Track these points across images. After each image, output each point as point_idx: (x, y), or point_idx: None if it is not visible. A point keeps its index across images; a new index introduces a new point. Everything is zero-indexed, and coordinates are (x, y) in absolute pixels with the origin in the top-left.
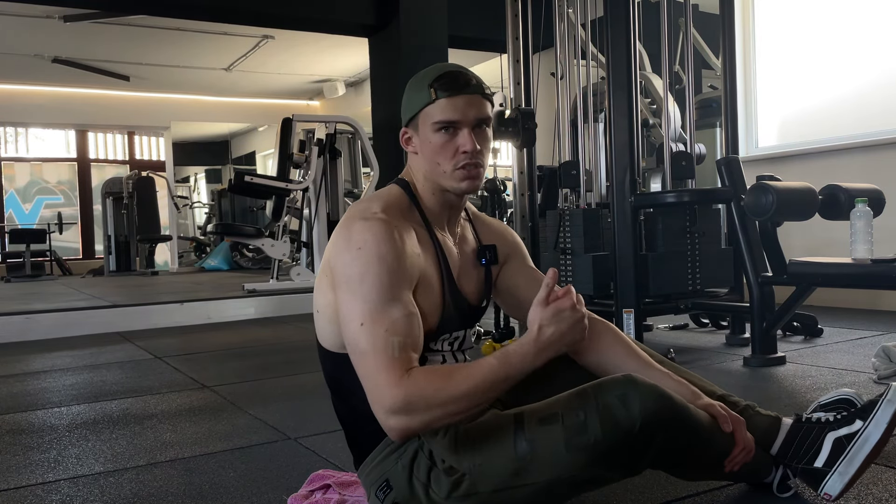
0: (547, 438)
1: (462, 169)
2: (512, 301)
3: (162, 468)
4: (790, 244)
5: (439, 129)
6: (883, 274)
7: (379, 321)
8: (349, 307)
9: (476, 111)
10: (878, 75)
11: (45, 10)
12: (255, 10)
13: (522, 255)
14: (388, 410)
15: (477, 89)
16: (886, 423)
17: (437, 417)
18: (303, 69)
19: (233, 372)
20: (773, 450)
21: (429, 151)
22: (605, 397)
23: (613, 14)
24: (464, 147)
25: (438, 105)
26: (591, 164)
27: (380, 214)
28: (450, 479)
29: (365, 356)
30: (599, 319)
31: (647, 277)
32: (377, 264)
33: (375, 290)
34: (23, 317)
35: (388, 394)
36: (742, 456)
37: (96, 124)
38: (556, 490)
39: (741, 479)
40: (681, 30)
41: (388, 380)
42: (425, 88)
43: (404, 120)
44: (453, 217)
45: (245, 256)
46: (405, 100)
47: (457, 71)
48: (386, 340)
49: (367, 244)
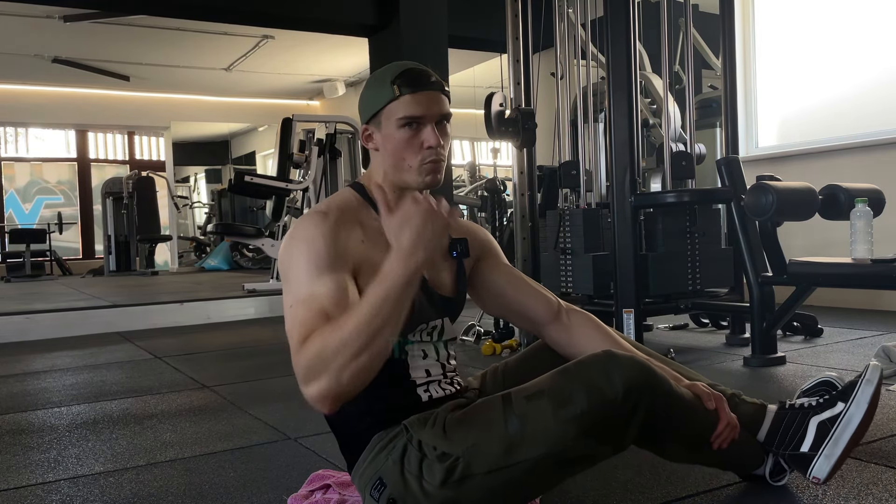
0: (535, 413)
1: (427, 164)
2: (489, 297)
3: (162, 468)
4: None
5: (404, 124)
6: (883, 274)
7: (304, 301)
8: (286, 293)
9: (438, 107)
10: (878, 75)
11: (45, 10)
12: (255, 10)
13: (496, 253)
14: (301, 384)
15: (438, 86)
16: (867, 403)
17: (340, 367)
18: (303, 69)
19: (233, 372)
20: (759, 436)
21: (392, 147)
22: (588, 371)
23: (613, 14)
24: (428, 142)
25: (402, 101)
26: (591, 164)
27: (321, 209)
28: (443, 465)
29: (290, 336)
30: (577, 309)
31: (647, 277)
32: (304, 246)
33: (303, 272)
34: (23, 317)
35: (295, 369)
36: (727, 432)
37: (96, 124)
38: (548, 467)
39: (732, 469)
40: (681, 30)
41: (294, 355)
42: (388, 85)
43: (364, 117)
44: None
45: (245, 256)
46: (365, 97)
47: (419, 68)
48: (302, 317)
49: (297, 233)
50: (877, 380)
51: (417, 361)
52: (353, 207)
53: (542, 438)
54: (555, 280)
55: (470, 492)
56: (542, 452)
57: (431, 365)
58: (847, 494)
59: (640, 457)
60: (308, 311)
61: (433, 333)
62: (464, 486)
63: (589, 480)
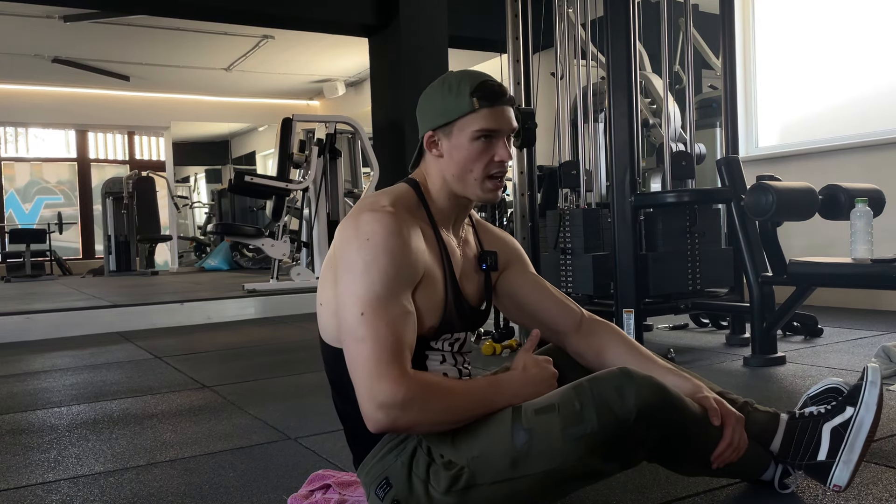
0: (544, 429)
1: (492, 178)
2: (513, 306)
3: (162, 468)
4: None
5: (479, 137)
6: (883, 274)
7: (381, 313)
8: (351, 295)
9: (511, 123)
10: (878, 75)
11: (45, 10)
12: (255, 10)
13: (524, 262)
14: (380, 403)
15: (511, 101)
16: (875, 405)
17: (424, 422)
18: (303, 69)
19: (233, 372)
20: (772, 447)
21: (461, 158)
22: (602, 389)
23: (613, 14)
24: (500, 157)
25: (481, 114)
26: (591, 164)
27: (388, 208)
28: (449, 473)
29: (363, 344)
30: (600, 319)
31: (647, 277)
32: (384, 256)
33: (380, 282)
34: (23, 317)
35: (385, 387)
36: (728, 453)
37: (96, 124)
38: (554, 482)
39: (738, 476)
40: (681, 30)
41: (388, 373)
42: (466, 96)
43: (432, 123)
44: (459, 220)
45: (245, 256)
46: (435, 103)
47: (495, 81)
48: (386, 334)
49: (375, 235)
50: (879, 381)
51: (435, 365)
52: (413, 207)
53: (548, 454)
54: (555, 280)
55: (474, 501)
56: (549, 468)
57: (448, 369)
58: (847, 494)
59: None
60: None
61: (455, 345)
62: (468, 496)
63: None
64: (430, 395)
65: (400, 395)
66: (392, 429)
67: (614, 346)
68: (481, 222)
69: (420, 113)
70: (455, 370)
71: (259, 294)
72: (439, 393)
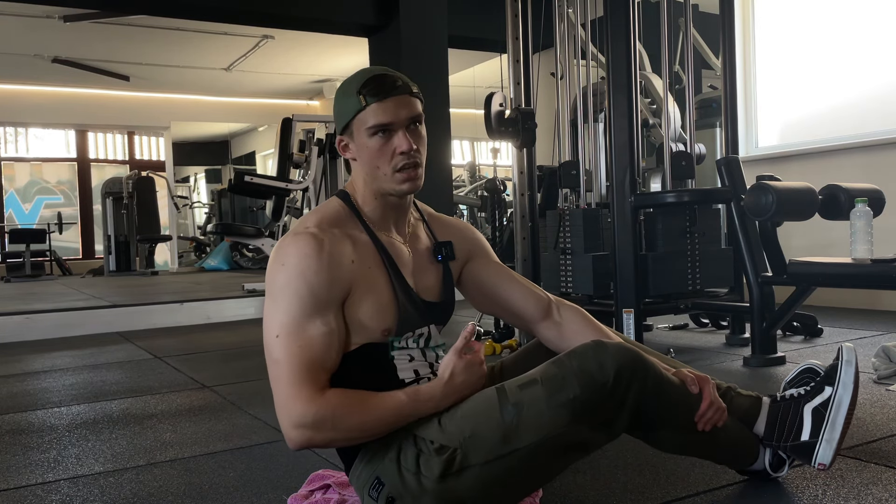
0: (530, 400)
1: (401, 171)
2: (480, 296)
3: (162, 468)
4: (790, 244)
5: (374, 133)
6: (883, 274)
7: (294, 336)
8: (269, 317)
9: (407, 111)
10: (878, 75)
11: (45, 10)
12: (255, 10)
13: (485, 251)
14: (294, 423)
15: (405, 89)
16: (852, 383)
17: (339, 439)
18: (303, 69)
19: (233, 372)
20: (756, 429)
21: (366, 156)
22: (579, 358)
23: (613, 14)
24: (400, 148)
25: (370, 110)
26: (591, 164)
27: (311, 229)
28: (441, 457)
29: (278, 366)
30: (568, 304)
31: (647, 277)
32: (297, 279)
33: (294, 305)
34: (23, 317)
35: (298, 407)
36: (711, 412)
37: (96, 124)
38: (544, 455)
39: (727, 463)
40: (681, 30)
41: (300, 394)
42: (354, 95)
43: (338, 128)
44: (399, 218)
45: (245, 256)
46: (336, 108)
47: (382, 74)
48: (299, 355)
49: (289, 259)
50: (854, 359)
51: (404, 363)
52: (342, 220)
53: (536, 424)
54: (555, 280)
55: (468, 483)
56: (538, 439)
57: (419, 365)
58: (847, 494)
59: (640, 457)
60: (304, 355)
61: (419, 340)
62: (462, 478)
63: (589, 481)
64: (342, 413)
65: (310, 415)
66: (309, 446)
67: (583, 331)
68: (434, 214)
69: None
70: (426, 366)
71: (259, 294)
72: (352, 410)
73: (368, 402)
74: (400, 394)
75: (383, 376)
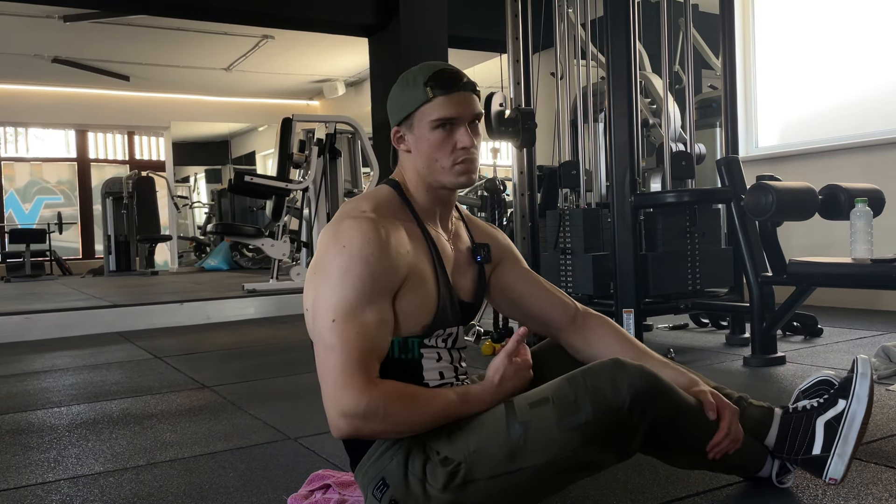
0: (539, 420)
1: (460, 164)
2: (507, 302)
3: (162, 468)
4: (790, 244)
5: (437, 126)
6: (883, 274)
7: (351, 321)
8: (325, 301)
9: (471, 108)
10: (878, 75)
11: (45, 10)
12: (255, 10)
13: (516, 257)
14: (343, 411)
15: (470, 86)
16: (867, 397)
17: (387, 431)
18: (303, 69)
19: (233, 372)
20: (767, 441)
21: (426, 148)
22: (595, 379)
23: (613, 14)
24: (462, 143)
25: (436, 103)
26: (591, 164)
27: (369, 213)
28: (446, 469)
29: (331, 352)
30: (594, 313)
31: (647, 277)
32: (359, 264)
33: (354, 290)
34: (23, 317)
35: (348, 396)
36: (725, 444)
37: (96, 124)
38: (551, 474)
39: (736, 472)
40: (681, 30)
41: (353, 382)
42: (420, 87)
43: (395, 119)
44: (445, 214)
45: (245, 256)
46: (396, 99)
47: (450, 69)
48: (356, 342)
49: (352, 242)
50: (869, 372)
51: (431, 363)
52: (395, 208)
53: (545, 446)
54: (555, 280)
55: (472, 496)
56: (545, 460)
57: (445, 368)
58: (847, 494)
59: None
60: (360, 342)
61: (448, 340)
62: (466, 491)
63: (589, 481)
64: (393, 406)
65: (362, 405)
66: (354, 437)
67: (609, 341)
68: (470, 216)
69: (388, 111)
70: (451, 368)
71: (259, 294)
72: (403, 404)
73: (420, 398)
74: (451, 393)
75: (407, 374)
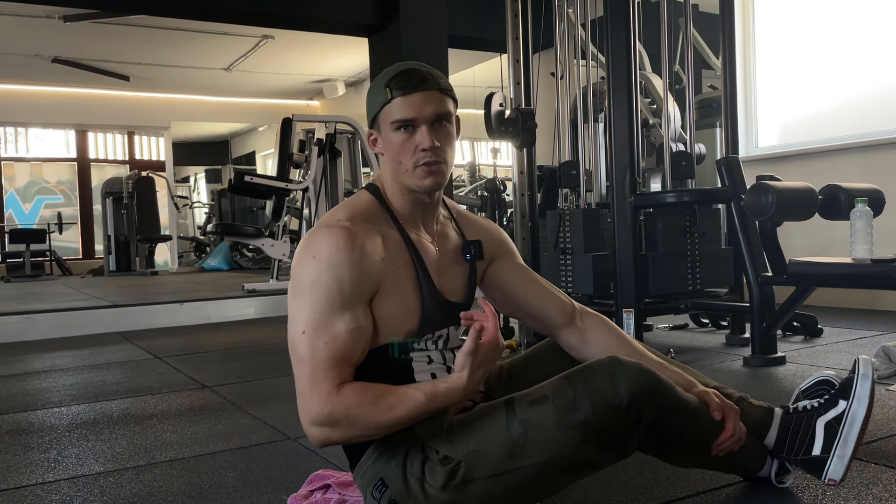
0: (539, 419)
1: (422, 167)
2: (503, 298)
3: (162, 468)
4: (790, 244)
5: (398, 128)
6: (883, 274)
7: (320, 332)
8: (296, 312)
9: (433, 107)
10: (879, 75)
11: (45, 10)
12: (255, 10)
13: (511, 252)
14: (311, 420)
15: (433, 85)
16: (868, 398)
17: (356, 436)
18: (303, 69)
19: (233, 372)
20: (767, 441)
21: (391, 151)
22: (593, 377)
23: (613, 14)
24: (422, 144)
25: (395, 104)
26: (591, 164)
27: (343, 222)
28: (445, 468)
29: (301, 363)
30: (592, 312)
31: (647, 277)
32: (328, 273)
33: (322, 300)
34: (23, 317)
35: (314, 405)
36: (730, 443)
37: (96, 124)
38: (551, 473)
39: (736, 471)
40: (681, 30)
41: (317, 391)
42: (382, 88)
43: (368, 121)
44: (428, 215)
45: (245, 256)
46: (367, 101)
47: (412, 69)
48: (322, 353)
49: (320, 252)
50: (870, 373)
51: (422, 366)
52: (373, 214)
53: (544, 444)
54: (555, 280)
55: (471, 495)
56: (545, 458)
57: (437, 369)
58: (847, 494)
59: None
60: (328, 351)
61: (438, 342)
62: (465, 490)
63: (589, 480)
64: (357, 412)
65: (325, 413)
66: (328, 443)
67: (606, 339)
68: (463, 213)
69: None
70: (444, 369)
71: (259, 294)
72: (365, 409)
73: (383, 401)
74: (418, 393)
75: (398, 378)
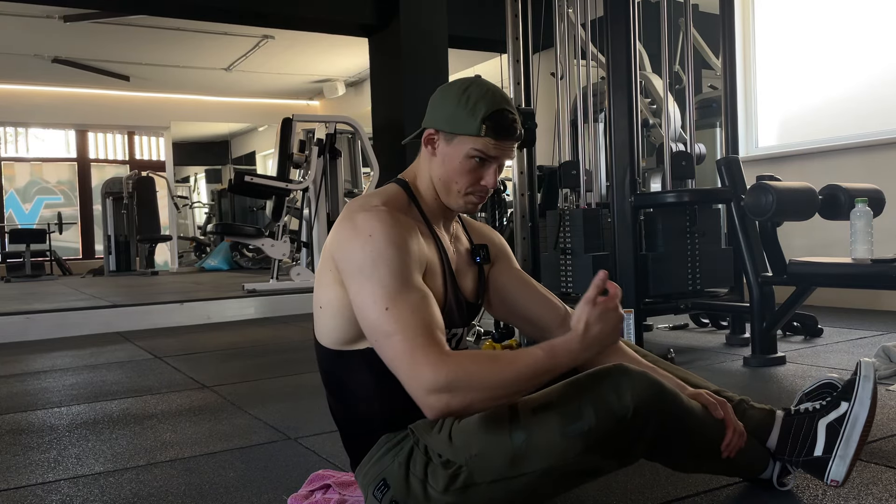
0: (542, 427)
1: (472, 196)
2: (499, 301)
3: (162, 468)
4: (790, 244)
5: (473, 157)
6: (883, 274)
7: (402, 303)
8: (367, 294)
9: (508, 155)
10: (878, 75)
11: (45, 10)
12: (255, 10)
13: (509, 257)
14: (429, 389)
15: (519, 136)
16: (870, 399)
17: (478, 399)
18: (303, 69)
19: (233, 372)
20: (769, 443)
21: (451, 168)
22: (598, 385)
23: (613, 14)
24: (487, 182)
25: (485, 141)
26: (591, 164)
27: (381, 206)
28: (447, 472)
29: (393, 338)
30: None
31: (647, 277)
32: (390, 249)
33: (392, 275)
34: (23, 317)
35: (428, 372)
36: (736, 439)
37: (96, 124)
38: (553, 480)
39: (738, 474)
40: (681, 30)
41: (428, 359)
42: (477, 120)
43: (436, 124)
44: (448, 218)
45: (245, 256)
46: (445, 108)
47: (512, 115)
48: (413, 321)
49: (375, 231)
50: (872, 375)
51: None
52: (404, 206)
53: (547, 452)
54: (555, 280)
55: (473, 499)
56: (547, 466)
57: None
58: (847, 494)
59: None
60: (417, 318)
61: (452, 341)
62: (467, 494)
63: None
64: (475, 371)
65: (442, 378)
66: (449, 412)
67: None
68: (466, 217)
69: (431, 106)
70: None
71: (259, 294)
72: (485, 368)
73: (501, 360)
74: (536, 349)
75: None
